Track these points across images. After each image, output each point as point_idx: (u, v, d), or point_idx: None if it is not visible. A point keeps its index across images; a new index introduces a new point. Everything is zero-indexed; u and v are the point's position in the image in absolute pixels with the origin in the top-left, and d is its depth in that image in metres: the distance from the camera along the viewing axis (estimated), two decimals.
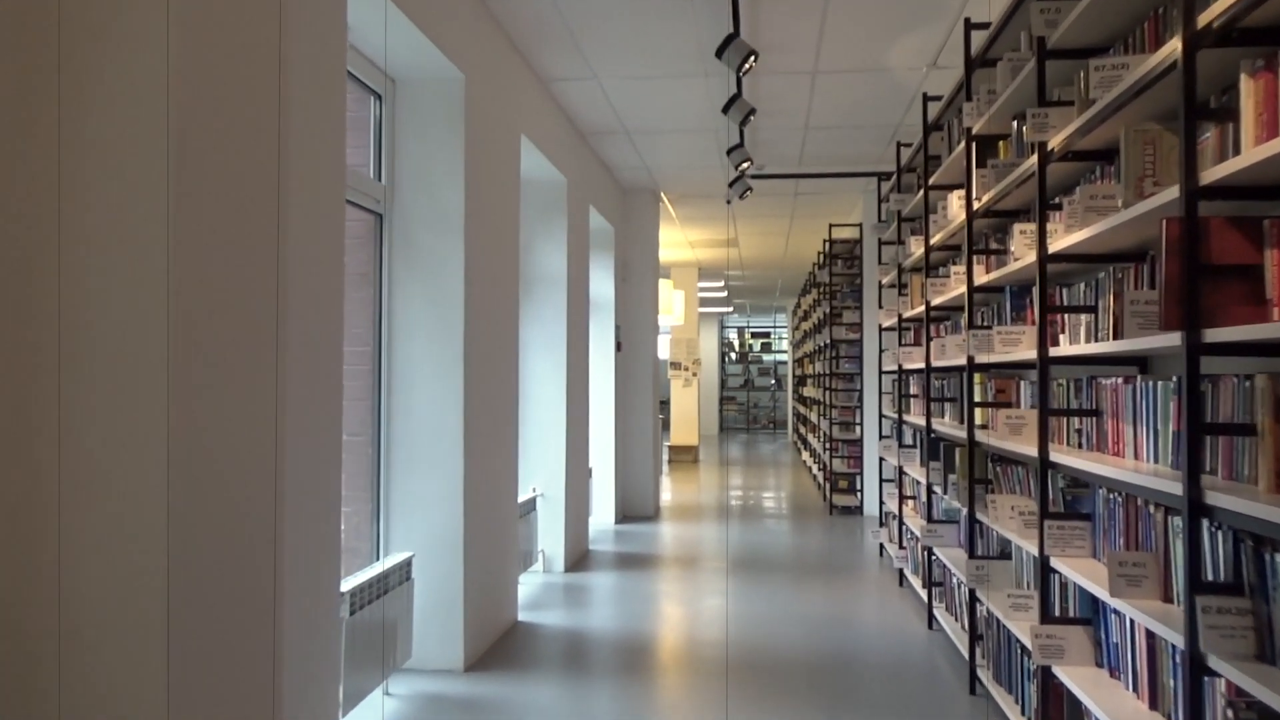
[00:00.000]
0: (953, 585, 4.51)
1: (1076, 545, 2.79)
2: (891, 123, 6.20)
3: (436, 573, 4.02)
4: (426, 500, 4.02)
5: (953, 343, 4.14)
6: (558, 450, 6.07)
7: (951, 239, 4.56)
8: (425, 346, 4.04)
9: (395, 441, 4.04)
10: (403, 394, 4.04)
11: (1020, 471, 3.56)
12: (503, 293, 4.66)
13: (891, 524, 6.39)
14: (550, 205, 6.11)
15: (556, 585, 5.75)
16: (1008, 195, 3.47)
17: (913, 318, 5.56)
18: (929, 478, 4.65)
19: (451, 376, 4.03)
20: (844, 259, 9.28)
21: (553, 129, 5.74)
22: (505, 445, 4.73)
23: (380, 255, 4.05)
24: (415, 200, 4.06)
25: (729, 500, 9.83)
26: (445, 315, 4.04)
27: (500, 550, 4.63)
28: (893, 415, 6.24)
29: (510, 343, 4.82)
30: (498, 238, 4.58)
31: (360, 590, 3.29)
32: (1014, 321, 3.53)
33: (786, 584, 5.77)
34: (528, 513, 5.65)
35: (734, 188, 6.77)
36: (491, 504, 4.48)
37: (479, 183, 4.26)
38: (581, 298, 6.68)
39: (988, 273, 3.82)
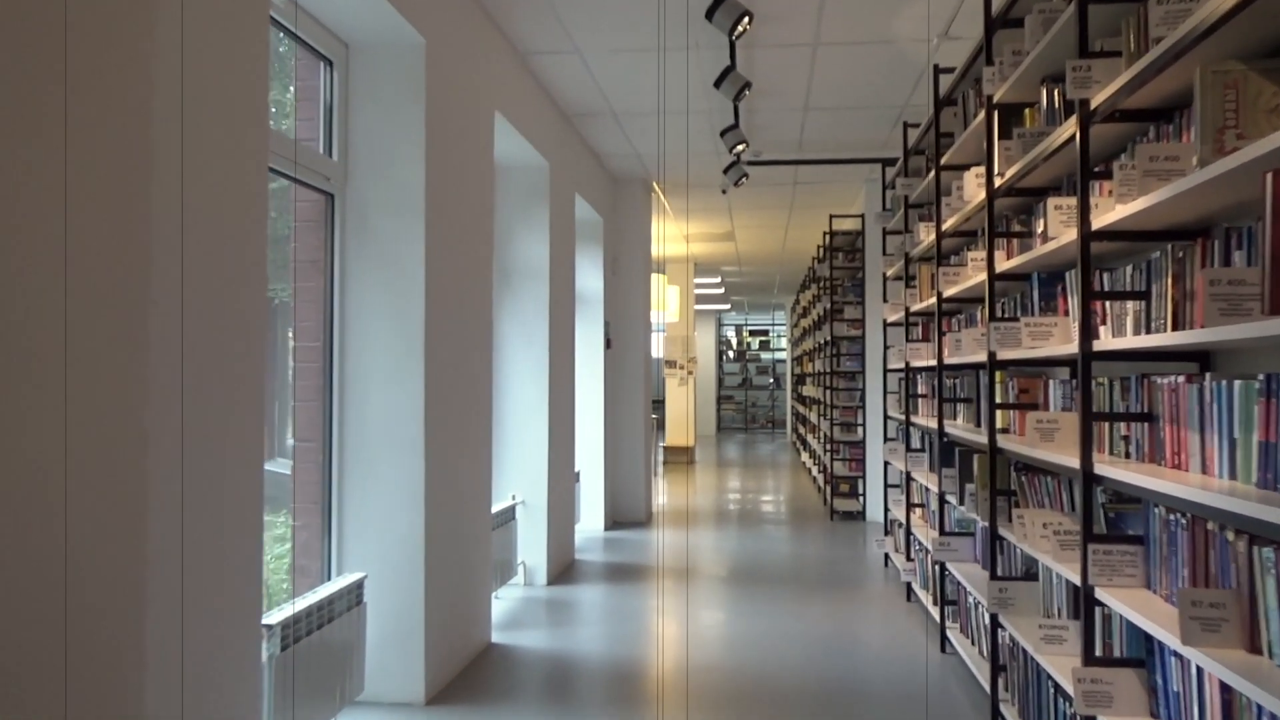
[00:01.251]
0: (969, 605, 4.09)
1: (1127, 573, 2.37)
2: (897, 103, 5.78)
3: (394, 593, 3.60)
4: (384, 513, 3.61)
5: (969, 337, 3.72)
6: (539, 454, 5.65)
7: (965, 224, 4.15)
8: (382, 342, 3.62)
9: (349, 448, 3.62)
10: (357, 395, 3.62)
11: (1049, 482, 3.14)
12: (474, 283, 4.24)
13: (897, 532, 5.98)
14: (531, 192, 5.69)
15: (538, 600, 5.33)
16: (1034, 170, 3.06)
17: (921, 311, 5.15)
18: (941, 486, 4.24)
19: (411, 375, 3.61)
20: (845, 251, 8.87)
21: (532, 108, 5.32)
22: (477, 450, 4.31)
23: (332, 240, 3.63)
24: (371, 179, 3.64)
25: (727, 505, 9.41)
26: (405, 307, 3.63)
27: (470, 565, 4.21)
28: (899, 416, 5.82)
29: (483, 338, 4.40)
30: (468, 223, 4.15)
31: (298, 620, 2.86)
32: (1043, 312, 3.11)
33: (786, 598, 5.35)
34: (506, 522, 5.23)
35: (729, 174, 6.36)
36: (460, 514, 4.06)
37: (444, 161, 3.84)
38: (566, 291, 6.26)
39: (1008, 259, 3.40)
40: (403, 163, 3.64)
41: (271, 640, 2.68)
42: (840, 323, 8.55)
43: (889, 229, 6.20)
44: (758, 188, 8.20)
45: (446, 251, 3.87)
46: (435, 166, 3.74)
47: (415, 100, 3.64)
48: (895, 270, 5.91)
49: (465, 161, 4.12)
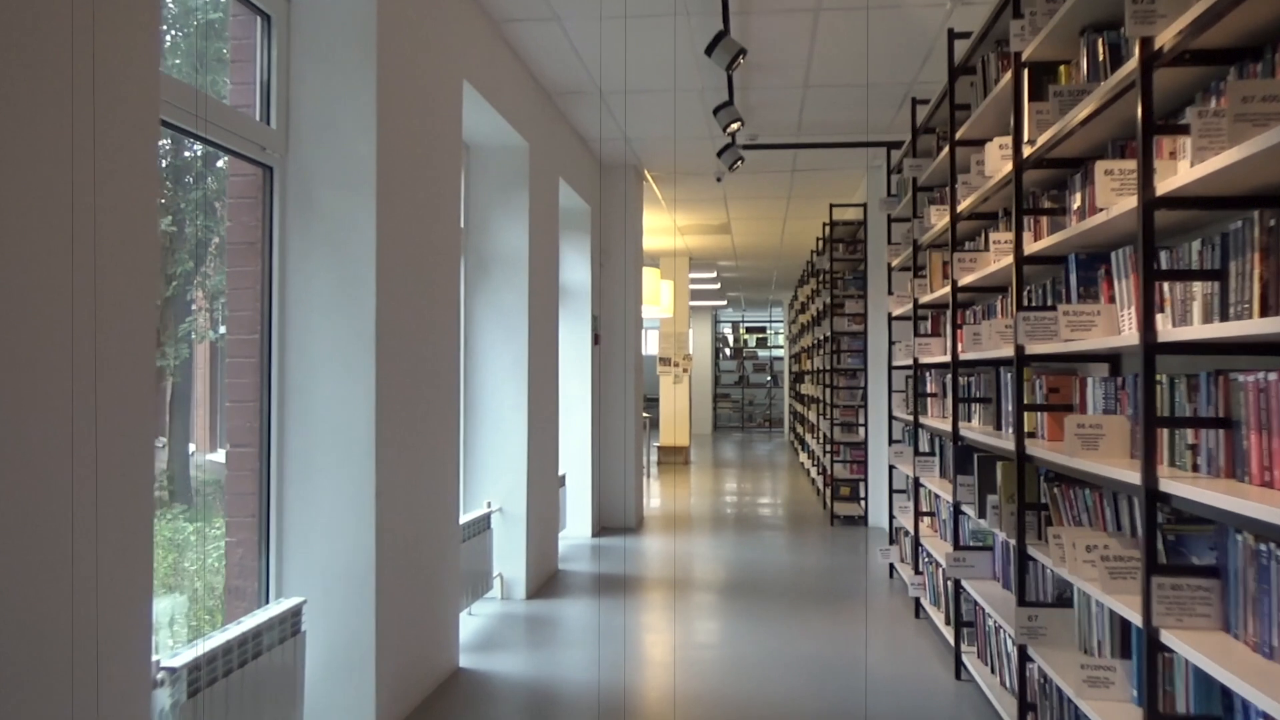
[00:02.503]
0: (988, 628, 3.67)
1: (1199, 613, 1.95)
2: (905, 79, 5.36)
3: (341, 617, 3.18)
4: (329, 526, 3.18)
5: (991, 330, 3.30)
6: (517, 457, 5.22)
7: (983, 206, 3.73)
8: (328, 334, 3.20)
9: (290, 453, 3.19)
10: (299, 393, 3.20)
11: (1087, 496, 2.73)
12: (437, 270, 3.82)
13: (903, 541, 5.56)
14: (510, 174, 5.26)
15: (515, 617, 4.91)
16: (1070, 136, 2.64)
17: (931, 303, 4.73)
18: (957, 495, 3.82)
19: (360, 371, 3.19)
20: (846, 243, 8.45)
21: (508, 81, 4.89)
22: (442, 454, 3.89)
23: (270, 218, 3.21)
24: (316, 149, 3.22)
25: (723, 509, 8.99)
26: (353, 294, 3.20)
27: (434, 581, 3.79)
28: (905, 417, 5.41)
29: (449, 331, 3.98)
30: (430, 202, 3.73)
31: (212, 659, 2.44)
32: (1082, 299, 2.69)
33: (784, 615, 4.93)
34: (479, 532, 4.81)
35: (724, 157, 5.94)
36: (421, 525, 3.64)
37: (401, 131, 3.41)
38: (549, 283, 5.83)
39: (1035, 241, 2.98)
40: (351, 131, 3.21)
41: (175, 686, 2.25)
42: (841, 317, 8.13)
43: (894, 216, 5.78)
44: (754, 175, 7.78)
45: (403, 233, 3.45)
46: (390, 137, 3.31)
47: (365, 61, 3.22)
48: (902, 260, 5.49)
49: (427, 133, 3.70)
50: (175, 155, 3.42)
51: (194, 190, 3.43)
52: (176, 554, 3.30)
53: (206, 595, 3.23)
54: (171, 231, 3.30)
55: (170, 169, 3.47)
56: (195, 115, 2.68)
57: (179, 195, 3.37)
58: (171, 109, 2.54)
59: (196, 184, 3.43)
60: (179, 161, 3.44)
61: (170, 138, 3.15)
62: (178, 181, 3.41)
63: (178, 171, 3.43)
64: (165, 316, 3.32)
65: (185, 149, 3.24)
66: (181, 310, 3.35)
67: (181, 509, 3.31)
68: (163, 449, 3.32)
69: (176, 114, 2.60)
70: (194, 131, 2.76)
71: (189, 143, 3.09)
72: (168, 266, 3.32)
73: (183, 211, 3.33)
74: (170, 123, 2.59)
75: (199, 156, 3.31)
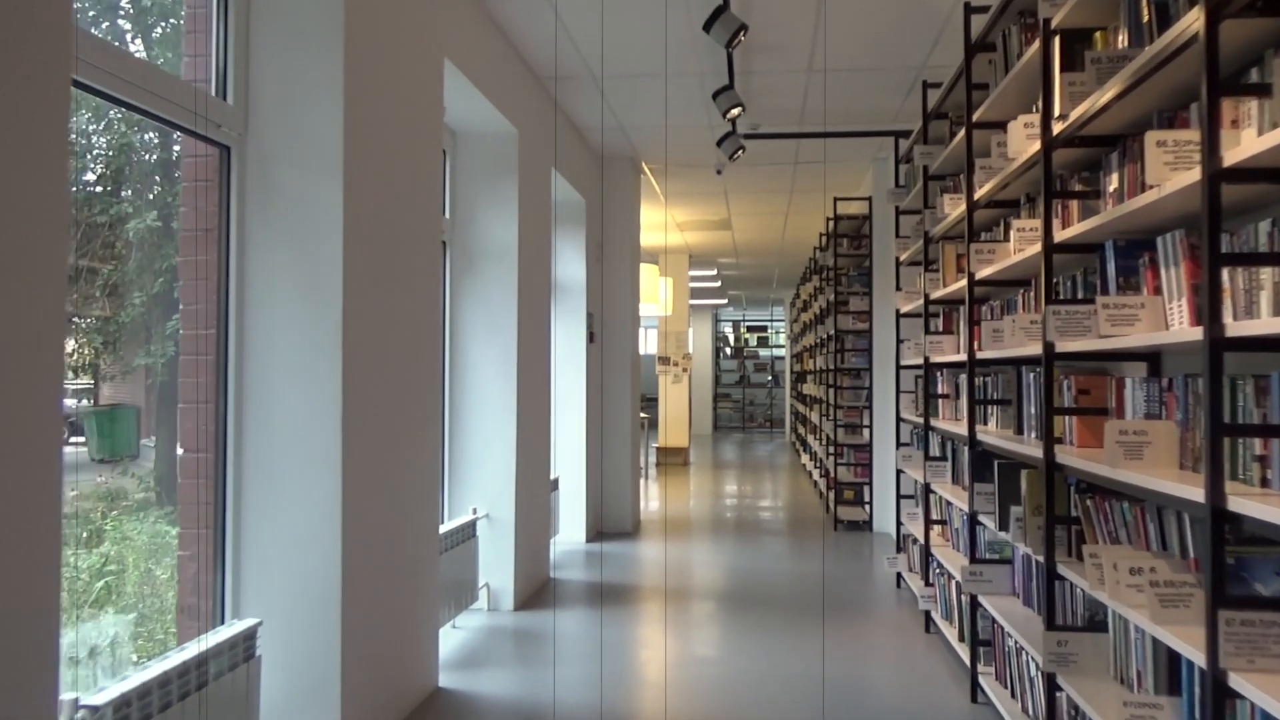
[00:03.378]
0: (1007, 648, 3.40)
1: (1273, 652, 1.68)
2: (915, 63, 5.09)
3: (304, 638, 2.91)
4: (291, 539, 2.91)
5: (1015, 326, 3.03)
6: (505, 461, 4.95)
7: (1002, 193, 3.46)
8: (290, 329, 2.93)
9: (248, 460, 2.92)
10: (258, 395, 2.92)
11: (1126, 510, 2.45)
12: (414, 261, 3.55)
13: (912, 549, 5.29)
14: (498, 163, 4.99)
15: (502, 631, 4.64)
16: (1107, 111, 2.37)
17: (944, 299, 4.46)
18: (974, 505, 3.55)
19: (325, 371, 2.92)
20: (851, 238, 8.17)
21: (496, 63, 4.62)
22: (420, 458, 3.61)
23: (228, 203, 2.94)
24: (277, 128, 2.95)
25: (723, 512, 8.72)
26: (318, 286, 2.93)
27: (410, 596, 3.52)
28: (915, 419, 5.13)
29: (428, 326, 3.71)
30: (406, 188, 3.46)
31: (146, 693, 2.17)
32: (1122, 290, 2.42)
33: (786, 628, 4.65)
34: (464, 540, 4.54)
35: (724, 146, 5.66)
36: (395, 535, 3.37)
37: (371, 109, 3.14)
38: (541, 279, 5.56)
39: (1065, 228, 2.71)
40: (316, 108, 2.94)
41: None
42: (845, 315, 7.86)
43: (903, 208, 5.51)
44: (755, 168, 7.51)
45: (375, 220, 3.17)
46: (359, 115, 3.04)
47: (332, 31, 2.94)
48: (911, 254, 5.22)
49: (403, 114, 3.43)
50: (164, 149, 3.17)
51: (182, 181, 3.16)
52: (153, 560, 3.07)
53: (157, 615, 2.96)
54: (157, 226, 3.06)
55: (159, 163, 3.22)
56: (141, 88, 2.41)
57: (166, 189, 3.13)
58: (113, 80, 2.28)
59: (160, 170, 3.16)
60: (166, 155, 3.19)
61: (141, 123, 2.90)
62: (166, 175, 3.17)
63: (166, 166, 3.18)
64: (152, 313, 3.10)
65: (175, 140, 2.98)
66: (169, 306, 3.10)
67: (165, 511, 3.07)
68: (152, 448, 3.09)
69: (121, 86, 2.33)
70: (140, 106, 2.49)
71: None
72: (155, 261, 3.08)
73: (170, 206, 3.08)
74: (111, 95, 2.33)
75: (145, 136, 3.04)
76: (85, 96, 2.44)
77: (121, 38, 2.99)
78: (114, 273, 3.07)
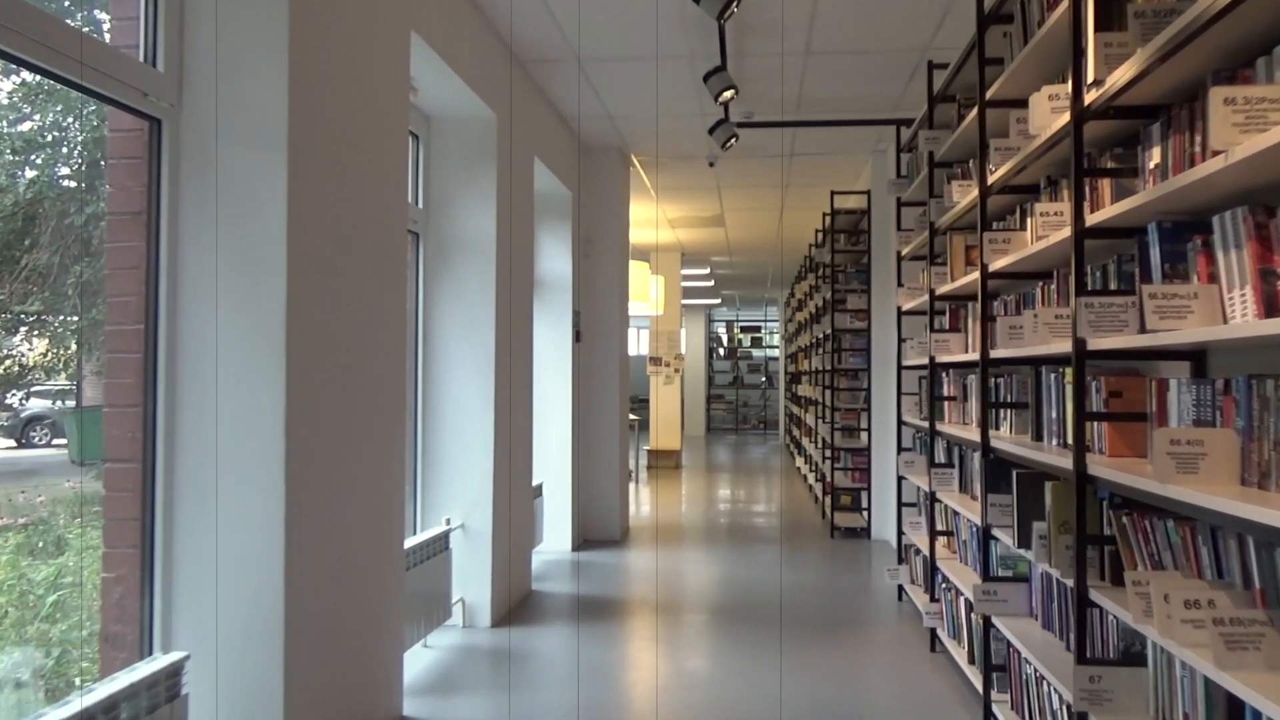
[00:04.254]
0: (1025, 675, 3.10)
1: None
2: (918, 44, 4.79)
3: (243, 670, 2.59)
4: (229, 559, 2.60)
5: (1037, 322, 2.73)
6: (482, 467, 4.63)
7: (1018, 177, 3.16)
8: (229, 324, 2.61)
9: (181, 470, 2.61)
10: (193, 397, 2.61)
11: (1171, 529, 2.15)
12: (377, 251, 3.23)
13: (914, 561, 4.99)
14: (475, 149, 4.68)
15: (477, 650, 4.32)
16: (1148, 76, 2.07)
17: (951, 294, 4.16)
18: (988, 517, 3.25)
19: (267, 370, 2.61)
20: (848, 233, 7.88)
21: (470, 40, 4.31)
22: (382, 467, 3.30)
23: (158, 182, 2.62)
24: (214, 99, 2.63)
25: (716, 518, 8.41)
26: (260, 275, 2.62)
27: (369, 618, 3.21)
28: (918, 423, 4.84)
29: (392, 324, 3.40)
30: (365, 169, 3.15)
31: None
32: (1168, 279, 2.12)
33: (784, 645, 4.34)
34: (436, 553, 4.22)
35: (716, 134, 5.37)
36: (351, 554, 3.06)
37: (323, 80, 2.83)
38: (521, 273, 5.25)
39: (1094, 211, 2.41)
40: (259, 76, 2.63)
41: None
42: (843, 314, 7.56)
43: (905, 199, 5.21)
44: (749, 161, 7.21)
45: (327, 203, 2.86)
46: (308, 85, 2.73)
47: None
48: (914, 247, 4.92)
49: (360, 86, 3.12)
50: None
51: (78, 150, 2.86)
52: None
53: (77, 646, 2.64)
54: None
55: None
56: (57, 51, 2.10)
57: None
58: (22, 40, 1.97)
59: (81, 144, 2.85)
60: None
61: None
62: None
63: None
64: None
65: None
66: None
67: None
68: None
69: (30, 47, 2.02)
70: (54, 71, 2.18)
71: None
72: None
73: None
74: (17, 56, 2.02)
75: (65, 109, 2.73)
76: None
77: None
78: (87, 270, 2.80)
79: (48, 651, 2.75)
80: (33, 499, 2.97)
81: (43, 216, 2.78)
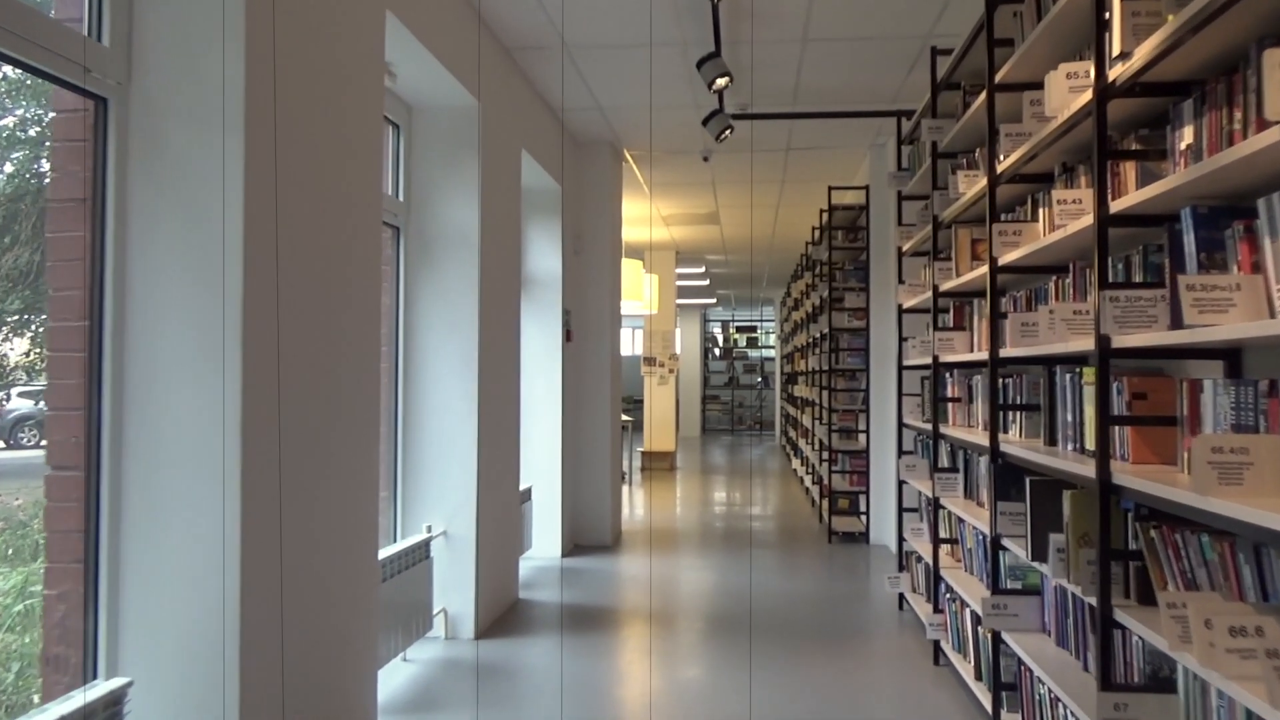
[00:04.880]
0: (1038, 695, 2.91)
1: None
2: (920, 31, 4.60)
3: (196, 695, 2.39)
4: (180, 575, 2.40)
5: (1053, 318, 2.54)
6: (465, 471, 4.43)
7: (1029, 165, 2.98)
8: (181, 320, 2.41)
9: (129, 479, 2.41)
10: (141, 400, 2.41)
11: (1206, 545, 1.96)
12: (346, 241, 3.03)
13: (915, 568, 4.80)
14: (458, 140, 4.48)
15: (459, 663, 4.12)
16: (1182, 46, 1.88)
17: (955, 290, 3.97)
18: (997, 527, 3.05)
19: (221, 368, 2.40)
20: (846, 230, 7.70)
21: (451, 23, 4.11)
22: (353, 475, 3.10)
23: (103, 166, 2.42)
24: (165, 75, 2.43)
25: (711, 522, 8.21)
26: (215, 266, 2.42)
27: (337, 635, 3.01)
28: (920, 425, 4.65)
29: (364, 321, 3.19)
30: (334, 154, 2.95)
31: None
32: (1204, 268, 1.93)
33: (778, 660, 4.15)
34: (416, 562, 4.02)
35: (711, 125, 5.17)
36: (317, 567, 2.86)
37: (284, 56, 2.63)
38: (508, 269, 5.05)
39: (1116, 198, 2.22)
40: (214, 51, 2.43)
41: None
42: (840, 312, 7.37)
43: (906, 193, 5.02)
44: (744, 155, 7.02)
45: (291, 191, 2.66)
46: (266, 61, 2.53)
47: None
48: (916, 242, 4.73)
49: (327, 66, 2.92)
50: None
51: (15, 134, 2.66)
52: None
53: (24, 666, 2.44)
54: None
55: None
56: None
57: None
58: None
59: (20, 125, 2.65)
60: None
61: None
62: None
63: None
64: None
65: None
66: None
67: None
68: None
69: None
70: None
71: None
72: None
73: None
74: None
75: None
76: None
77: None
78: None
79: (5, 665, 2.56)
80: (9, 502, 2.80)
81: (23, 214, 2.62)
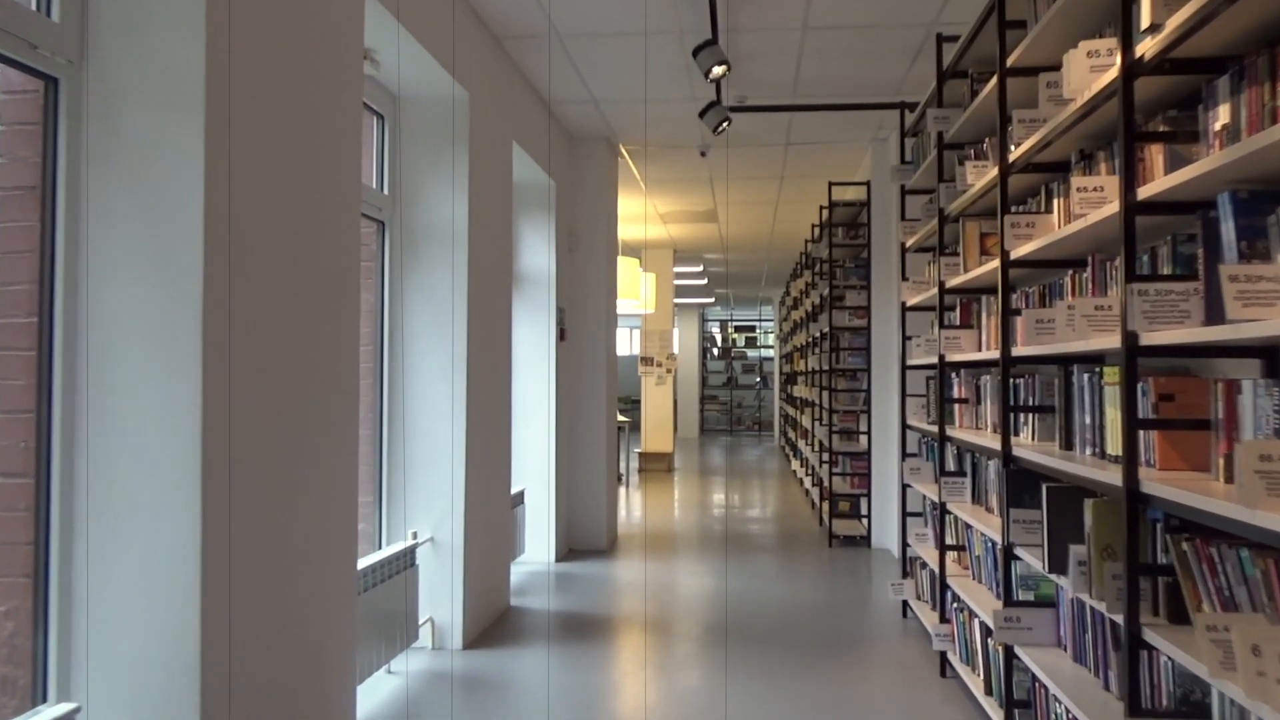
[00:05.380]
0: (1055, 714, 2.75)
1: None
2: (924, 19, 4.44)
3: (151, 716, 2.23)
4: (137, 589, 2.23)
5: (1072, 314, 2.37)
6: (453, 474, 4.27)
7: (1043, 154, 2.81)
8: (138, 315, 2.25)
9: (81, 487, 2.24)
10: (95, 402, 2.24)
11: (1246, 560, 1.80)
12: (319, 234, 2.87)
13: (920, 575, 4.64)
14: (446, 131, 4.31)
15: (446, 674, 3.96)
16: (1218, 17, 1.72)
17: (962, 287, 3.81)
18: (1010, 535, 2.89)
19: (180, 369, 2.24)
20: (847, 227, 7.53)
21: (439, 11, 3.95)
22: (329, 480, 2.93)
23: (55, 154, 2.25)
24: (121, 54, 2.27)
25: (710, 525, 8.05)
26: (173, 258, 2.25)
27: (311, 649, 2.84)
28: (924, 427, 4.49)
29: (342, 316, 3.03)
30: (306, 141, 2.78)
31: None
32: (1245, 257, 1.76)
33: (778, 671, 3.99)
34: (400, 571, 3.86)
35: (708, 117, 5.01)
36: (286, 578, 2.69)
37: (248, 34, 2.46)
38: (498, 266, 4.89)
39: (1143, 184, 2.06)
40: (172, 28, 2.26)
41: None
42: (841, 311, 7.21)
43: (910, 187, 4.86)
44: (743, 150, 6.86)
45: (256, 180, 2.50)
46: (226, 40, 2.36)
47: None
48: (921, 237, 4.57)
49: (298, 47, 2.75)
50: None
51: None
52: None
53: None
54: None
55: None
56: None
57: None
58: None
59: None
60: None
61: None
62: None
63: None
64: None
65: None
66: None
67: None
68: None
69: None
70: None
71: None
72: None
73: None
74: None
75: None
76: None
77: None
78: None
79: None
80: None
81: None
